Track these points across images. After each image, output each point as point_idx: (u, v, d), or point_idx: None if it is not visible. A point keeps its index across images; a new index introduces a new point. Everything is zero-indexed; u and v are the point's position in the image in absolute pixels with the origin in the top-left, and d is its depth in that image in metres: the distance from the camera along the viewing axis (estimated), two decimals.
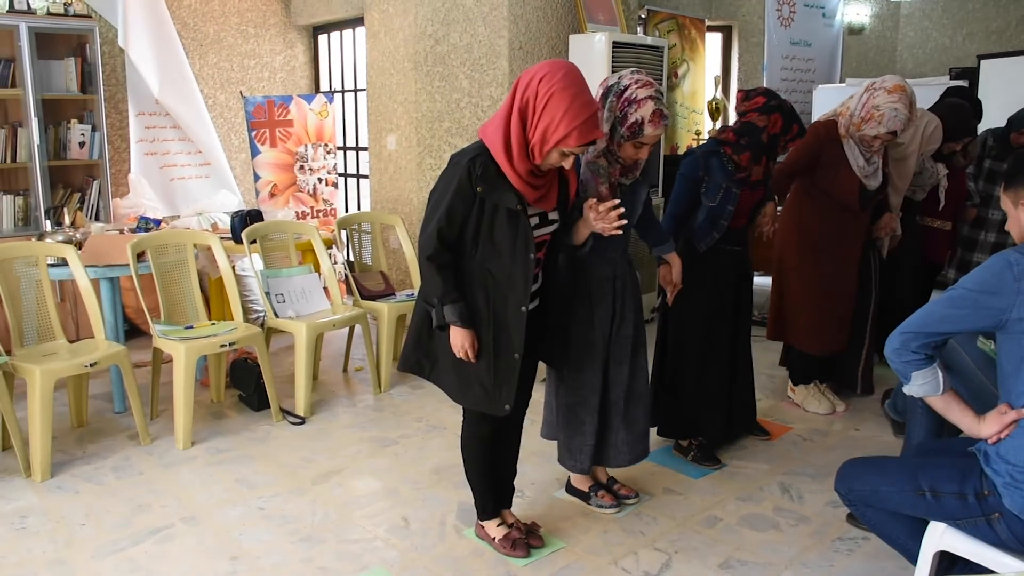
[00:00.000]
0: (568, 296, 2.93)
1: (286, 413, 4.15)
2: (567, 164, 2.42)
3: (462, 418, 2.80)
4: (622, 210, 2.54)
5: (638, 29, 6.54)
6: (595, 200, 2.59)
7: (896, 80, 3.65)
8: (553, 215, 2.59)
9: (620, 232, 2.61)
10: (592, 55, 5.42)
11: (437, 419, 4.16)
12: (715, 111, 7.17)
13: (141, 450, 3.76)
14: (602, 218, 2.56)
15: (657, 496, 3.36)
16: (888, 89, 3.61)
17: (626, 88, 2.72)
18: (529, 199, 2.43)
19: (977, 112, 4.77)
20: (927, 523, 2.27)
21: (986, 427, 2.11)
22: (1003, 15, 7.82)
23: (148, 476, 3.50)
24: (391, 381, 4.67)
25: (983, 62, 6.93)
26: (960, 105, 4.43)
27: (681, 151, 7.17)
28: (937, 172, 4.48)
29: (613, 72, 5.34)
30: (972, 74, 6.94)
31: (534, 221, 2.50)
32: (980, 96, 5.95)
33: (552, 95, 2.29)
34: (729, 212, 3.37)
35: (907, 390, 2.18)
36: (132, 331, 5.20)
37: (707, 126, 7.30)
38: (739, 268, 3.59)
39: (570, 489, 3.31)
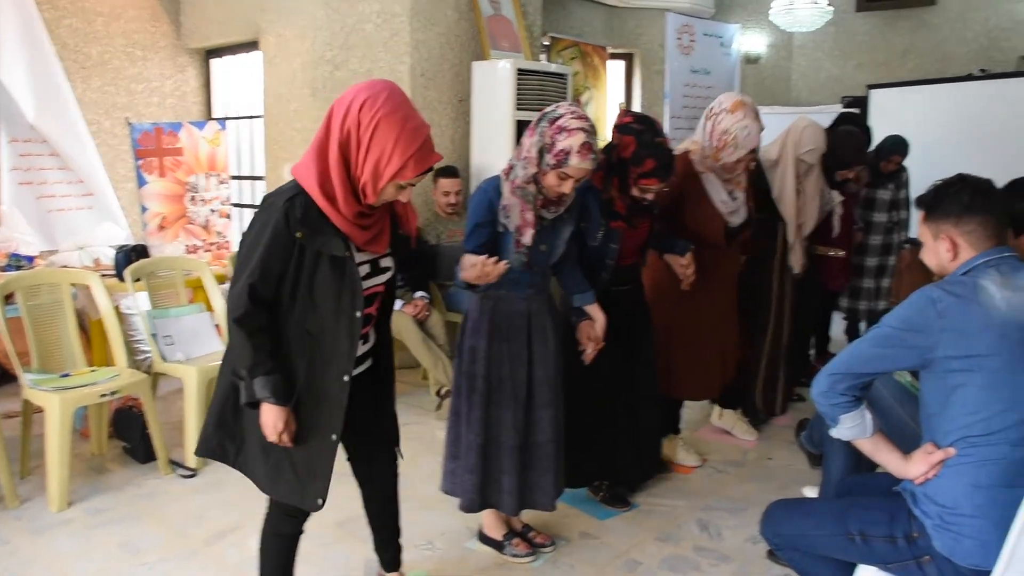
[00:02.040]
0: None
1: (176, 465, 3.84)
2: (404, 197, 2.13)
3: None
4: (503, 263, 2.36)
5: (541, 56, 6.49)
6: (470, 263, 2.38)
7: (733, 97, 3.47)
8: (386, 262, 2.29)
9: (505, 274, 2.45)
10: (496, 82, 5.33)
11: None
12: None
13: (8, 515, 3.38)
14: (475, 274, 2.34)
15: (573, 541, 3.22)
16: (729, 109, 3.41)
17: (560, 116, 2.60)
18: (359, 242, 2.12)
19: (867, 138, 4.87)
20: (856, 566, 2.20)
21: (913, 467, 2.05)
22: (888, 47, 8.11)
23: (15, 545, 3.14)
24: None
25: (872, 91, 7.15)
26: (853, 133, 4.47)
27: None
28: (832, 199, 4.52)
29: (518, 99, 5.29)
30: (863, 103, 7.15)
31: (364, 270, 2.19)
32: (870, 124, 6.12)
33: (379, 123, 1.98)
34: (614, 251, 3.17)
35: (835, 433, 2.10)
36: (4, 376, 4.79)
37: None
38: (633, 307, 3.41)
39: (483, 538, 3.14)
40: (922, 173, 5.33)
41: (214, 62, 7.08)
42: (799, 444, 3.53)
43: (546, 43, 6.81)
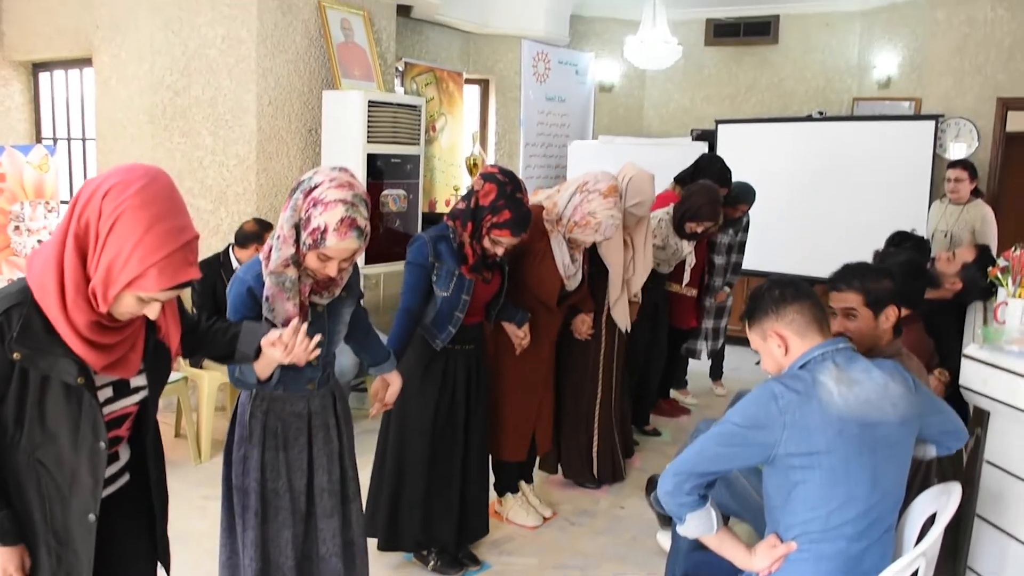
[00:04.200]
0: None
1: None
2: (152, 313, 1.70)
3: None
4: (317, 338, 2.06)
5: (395, 81, 6.36)
6: (277, 335, 2.04)
7: (609, 180, 3.48)
8: (138, 380, 1.85)
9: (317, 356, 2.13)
10: (347, 114, 5.18)
11: None
12: (473, 167, 7.15)
13: None
14: (290, 352, 2.02)
15: None
16: (603, 192, 3.42)
17: (316, 186, 2.20)
18: (95, 365, 1.69)
19: (725, 179, 4.97)
20: None
21: (758, 561, 2.07)
22: (733, 82, 8.43)
23: None
24: None
25: (720, 126, 7.39)
26: (709, 189, 4.51)
27: (440, 207, 7.07)
28: (680, 249, 4.60)
29: (369, 131, 5.16)
30: (711, 136, 7.37)
31: (106, 394, 1.78)
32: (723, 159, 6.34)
33: (120, 216, 1.58)
34: (465, 303, 3.07)
35: (681, 531, 2.10)
36: None
37: (465, 181, 7.25)
38: (475, 368, 3.30)
39: None
40: (763, 209, 5.59)
41: (42, 76, 6.58)
42: (649, 504, 3.55)
43: (400, 68, 6.69)
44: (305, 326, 2.04)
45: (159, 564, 2.07)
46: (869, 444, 1.97)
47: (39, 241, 5.60)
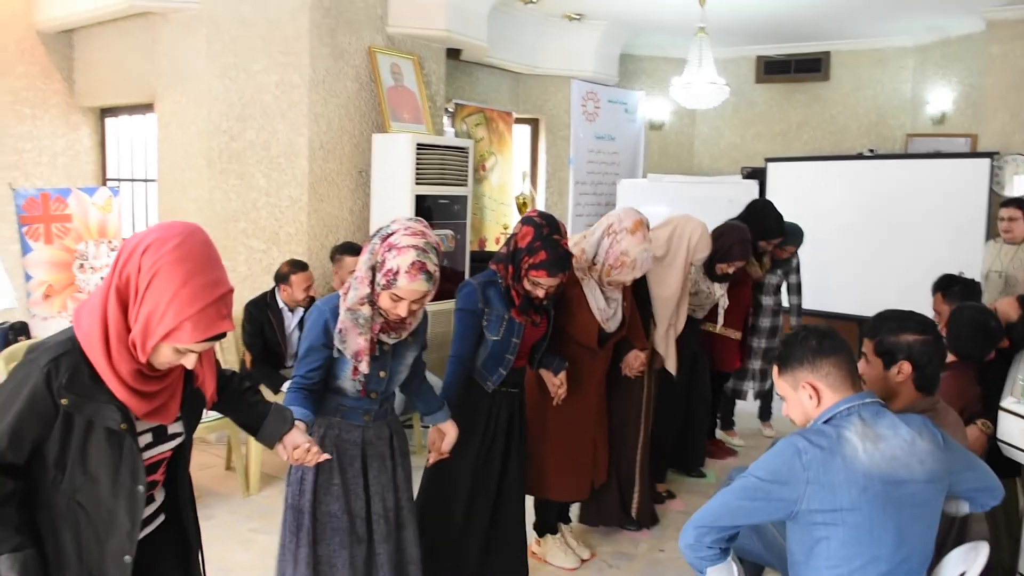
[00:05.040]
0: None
1: None
2: (188, 363, 1.78)
3: None
4: (325, 456, 2.23)
5: (445, 121, 6.49)
6: (291, 448, 2.18)
7: (633, 216, 3.51)
8: (175, 427, 1.94)
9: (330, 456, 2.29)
10: (396, 156, 5.32)
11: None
12: (523, 205, 7.23)
13: None
14: (301, 460, 2.19)
15: None
16: (630, 230, 3.45)
17: (392, 233, 2.44)
18: (137, 412, 1.77)
19: (780, 228, 4.93)
20: None
21: None
22: (784, 118, 8.39)
23: None
24: None
25: (770, 164, 7.34)
26: (738, 229, 4.47)
27: (490, 245, 7.15)
28: (713, 292, 4.57)
29: (417, 173, 5.27)
30: (762, 174, 7.33)
31: (146, 439, 1.86)
32: (768, 196, 6.30)
33: (158, 272, 1.67)
34: (515, 346, 3.14)
35: None
36: None
37: (515, 220, 7.32)
38: (517, 412, 3.34)
39: None
40: (814, 248, 5.54)
41: (109, 121, 6.86)
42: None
43: (450, 109, 6.82)
44: (318, 449, 2.20)
45: None
46: (894, 502, 1.95)
47: (101, 279, 5.81)
